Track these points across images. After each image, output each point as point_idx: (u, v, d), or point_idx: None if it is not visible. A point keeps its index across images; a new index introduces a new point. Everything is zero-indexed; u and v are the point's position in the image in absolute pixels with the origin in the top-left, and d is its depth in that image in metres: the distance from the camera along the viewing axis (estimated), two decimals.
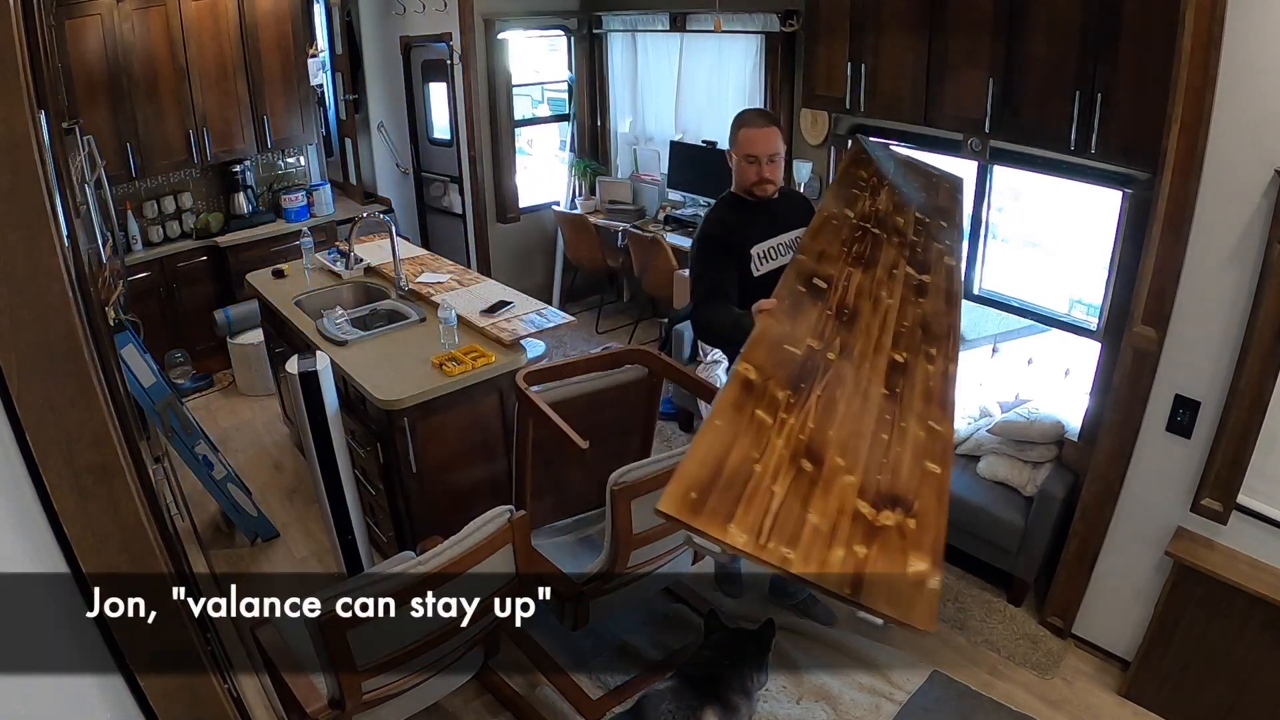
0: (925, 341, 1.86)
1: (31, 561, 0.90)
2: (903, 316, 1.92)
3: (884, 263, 2.13)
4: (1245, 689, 2.35)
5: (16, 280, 0.85)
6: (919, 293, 2.06)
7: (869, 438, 1.48)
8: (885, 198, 2.52)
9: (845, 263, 2.06)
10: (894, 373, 1.70)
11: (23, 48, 0.96)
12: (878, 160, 2.79)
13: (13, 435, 0.89)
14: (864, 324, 1.83)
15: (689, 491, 1.24)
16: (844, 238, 2.17)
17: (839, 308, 1.86)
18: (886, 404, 1.59)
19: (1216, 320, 2.26)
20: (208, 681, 1.16)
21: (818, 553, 1.23)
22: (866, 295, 1.94)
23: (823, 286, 1.93)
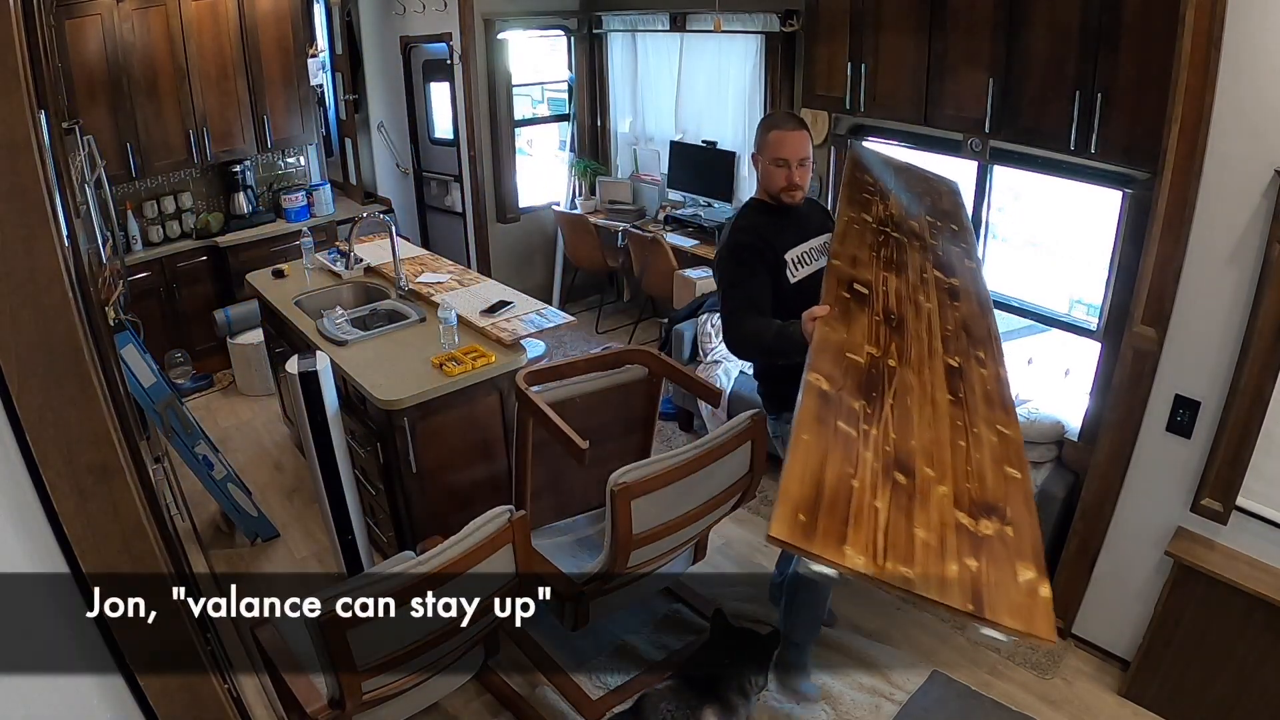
0: (971, 345, 1.85)
1: (31, 561, 0.90)
2: (944, 320, 1.90)
3: (913, 266, 2.10)
4: (1245, 689, 2.35)
5: (16, 280, 0.85)
6: (952, 296, 2.04)
7: (949, 446, 1.46)
8: (895, 201, 2.51)
9: (878, 267, 2.03)
10: (953, 378, 1.69)
11: (23, 48, 0.96)
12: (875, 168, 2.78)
13: (13, 435, 0.89)
14: (912, 329, 1.80)
15: (796, 513, 1.20)
16: (869, 242, 2.14)
17: (885, 313, 1.83)
18: (954, 410, 1.58)
19: (1216, 320, 2.26)
20: (208, 681, 1.16)
21: (934, 569, 1.20)
22: (907, 300, 1.91)
23: (864, 292, 1.89)
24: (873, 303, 1.86)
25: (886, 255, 2.12)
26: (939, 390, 1.63)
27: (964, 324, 1.93)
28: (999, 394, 1.71)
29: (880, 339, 1.72)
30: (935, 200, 2.70)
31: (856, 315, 1.79)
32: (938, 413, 1.55)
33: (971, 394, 1.67)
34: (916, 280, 2.05)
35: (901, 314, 1.85)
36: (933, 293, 2.01)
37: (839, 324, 1.75)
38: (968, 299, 2.08)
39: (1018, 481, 1.45)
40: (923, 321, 1.87)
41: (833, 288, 1.88)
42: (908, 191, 2.65)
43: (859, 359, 1.64)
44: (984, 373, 1.77)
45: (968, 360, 1.79)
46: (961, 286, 2.12)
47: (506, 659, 2.73)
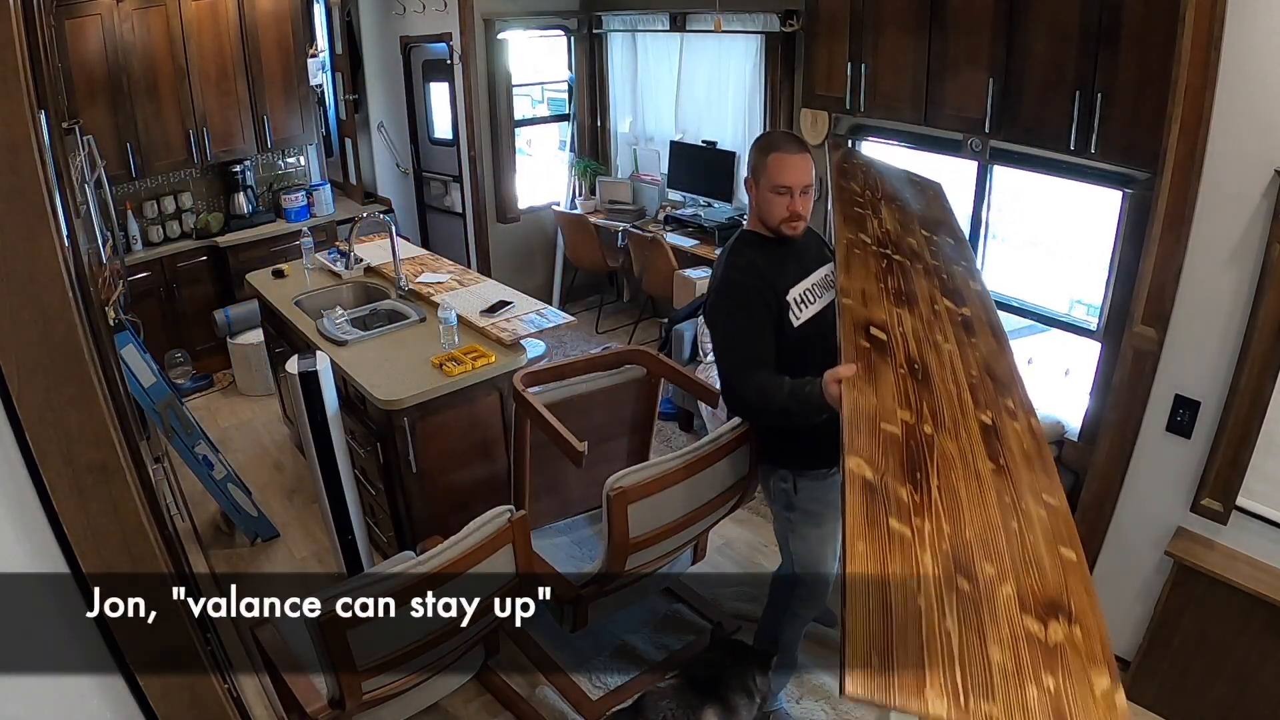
0: (999, 392, 1.74)
1: (31, 561, 0.90)
2: (967, 364, 1.78)
3: (923, 296, 1.96)
4: (1245, 689, 2.35)
5: (16, 280, 0.85)
6: (967, 330, 1.91)
7: (1002, 529, 1.35)
8: (887, 215, 2.35)
9: (889, 302, 1.88)
10: (989, 439, 1.57)
11: (23, 48, 0.96)
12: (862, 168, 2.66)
13: (13, 435, 0.89)
14: (939, 381, 1.67)
15: (869, 654, 1.10)
16: (874, 270, 1.98)
17: (909, 364, 1.69)
18: (999, 481, 1.47)
19: (1216, 320, 2.26)
20: (208, 681, 1.16)
21: (1015, 699, 1.12)
22: (926, 343, 1.78)
23: (883, 338, 1.74)
24: (893, 350, 1.71)
25: (894, 286, 1.96)
26: (979, 458, 1.51)
27: (986, 365, 1.80)
28: (1037, 452, 1.60)
29: (911, 399, 1.59)
30: (925, 207, 2.57)
31: (880, 369, 1.64)
32: (983, 487, 1.44)
33: (1011, 458, 1.56)
34: (929, 314, 1.91)
35: (924, 361, 1.71)
36: (948, 329, 1.87)
37: (866, 384, 1.59)
38: (982, 331, 1.95)
39: (1074, 565, 1.35)
40: (946, 368, 1.73)
41: (850, 336, 1.71)
42: (896, 198, 2.51)
43: (895, 429, 1.50)
44: (1017, 426, 1.65)
45: (999, 414, 1.67)
46: (974, 316, 1.98)
47: (506, 659, 2.73)
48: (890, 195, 2.48)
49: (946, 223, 2.49)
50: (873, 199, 2.40)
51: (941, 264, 2.16)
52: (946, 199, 2.67)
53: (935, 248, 2.26)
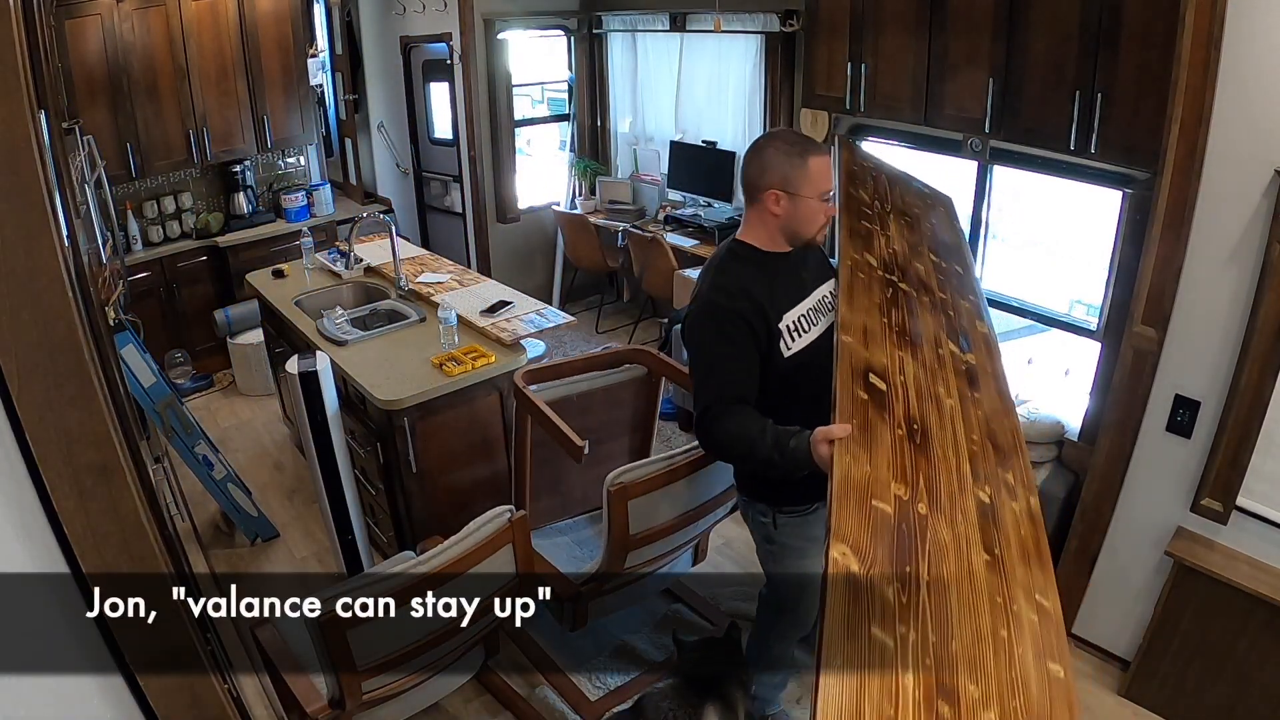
0: (1000, 462, 1.56)
1: (31, 561, 0.90)
2: (969, 425, 1.61)
3: (927, 338, 1.79)
4: (1245, 689, 2.35)
5: (16, 280, 0.85)
6: (971, 382, 1.74)
7: (990, 640, 1.21)
8: (895, 232, 2.15)
9: (892, 343, 1.71)
10: (986, 523, 1.41)
11: (23, 48, 0.96)
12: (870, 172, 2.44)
13: (13, 435, 0.89)
14: (938, 446, 1.50)
15: None
16: (878, 300, 1.81)
17: (908, 423, 1.52)
18: (991, 578, 1.31)
19: (1216, 320, 2.26)
20: (208, 681, 1.16)
21: None
22: (928, 397, 1.60)
23: (882, 387, 1.56)
24: (892, 405, 1.53)
25: (898, 322, 1.78)
26: (974, 549, 1.35)
27: (988, 428, 1.63)
28: (1034, 541, 1.44)
29: (908, 469, 1.42)
30: (935, 226, 2.36)
31: (877, 428, 1.47)
32: (975, 586, 1.29)
33: (1007, 548, 1.40)
34: (933, 360, 1.72)
35: (924, 421, 1.54)
36: (952, 380, 1.70)
37: (860, 447, 1.41)
38: (986, 383, 1.77)
39: (1060, 684, 1.23)
40: (947, 430, 1.56)
41: (847, 384, 1.52)
42: (907, 213, 2.30)
43: (887, 507, 1.33)
44: (1016, 508, 1.49)
45: (998, 491, 1.50)
46: (979, 366, 1.80)
47: (506, 659, 2.73)
48: (900, 209, 2.29)
49: (957, 247, 2.30)
50: (882, 211, 2.20)
51: (949, 298, 1.97)
52: (957, 216, 2.52)
53: (944, 277, 2.06)
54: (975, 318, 1.97)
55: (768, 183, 1.76)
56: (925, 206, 2.42)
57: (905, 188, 2.46)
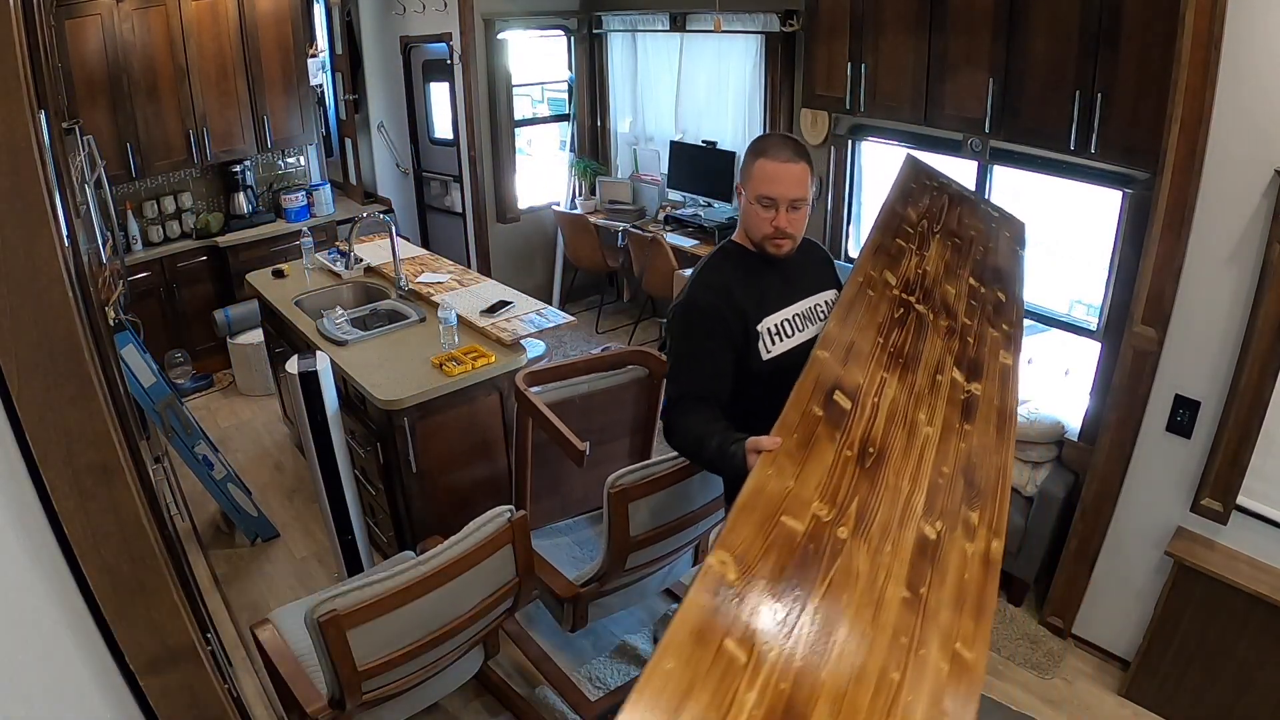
0: (967, 500, 1.43)
1: (31, 561, 0.90)
2: (942, 457, 1.49)
3: (927, 362, 1.69)
4: (1245, 689, 2.35)
5: (16, 280, 0.85)
6: (965, 413, 1.63)
7: (874, 680, 1.08)
8: (935, 253, 2.04)
9: (879, 364, 1.63)
10: (921, 560, 1.29)
11: (23, 48, 0.96)
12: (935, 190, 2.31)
13: (13, 435, 0.89)
14: (890, 473, 1.41)
15: None
16: (880, 319, 1.73)
17: (863, 445, 1.44)
18: (905, 615, 1.19)
19: (1216, 320, 2.26)
20: (208, 681, 1.16)
21: None
22: (900, 422, 1.52)
23: (845, 406, 1.49)
24: (849, 425, 1.46)
25: (896, 342, 1.70)
26: (894, 582, 1.23)
27: (968, 463, 1.51)
28: (979, 587, 1.29)
29: (839, 491, 1.33)
30: (991, 250, 2.21)
31: (820, 445, 1.40)
32: (878, 622, 1.16)
33: (938, 589, 1.25)
34: (925, 384, 1.63)
35: (884, 445, 1.45)
36: (940, 408, 1.60)
37: (790, 462, 1.35)
38: (987, 417, 1.64)
39: None
40: (911, 458, 1.45)
41: (803, 398, 1.47)
42: (958, 234, 2.18)
43: (797, 525, 1.25)
44: (969, 549, 1.35)
45: (953, 528, 1.37)
46: (983, 397, 1.69)
47: (506, 659, 2.73)
48: (952, 231, 2.19)
49: (1007, 274, 2.16)
50: (926, 231, 2.12)
51: (974, 324, 1.88)
52: (1024, 240, 2.41)
53: (977, 302, 1.97)
54: (1001, 348, 1.86)
55: (739, 175, 1.81)
56: (987, 231, 2.32)
57: (971, 209, 2.37)
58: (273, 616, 2.20)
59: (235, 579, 3.21)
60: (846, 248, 4.32)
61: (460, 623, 1.89)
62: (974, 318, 1.91)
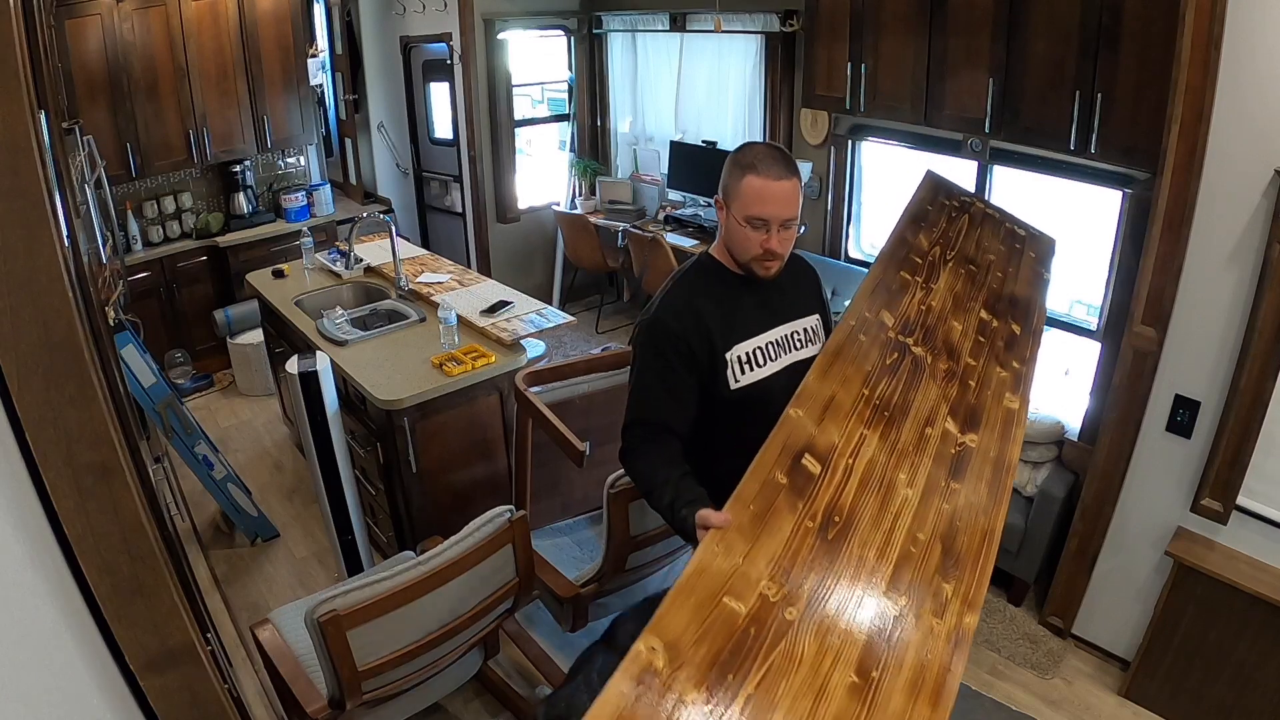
0: (942, 571, 1.33)
1: (31, 561, 0.90)
2: (919, 523, 1.38)
3: (917, 413, 1.57)
4: (1245, 689, 2.35)
5: (16, 280, 0.85)
6: (954, 470, 1.51)
7: None
8: (944, 284, 1.91)
9: (860, 419, 1.51)
10: (876, 640, 1.20)
11: (23, 48, 0.96)
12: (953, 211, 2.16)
13: (13, 435, 0.89)
14: (857, 544, 1.31)
15: None
16: (869, 368, 1.62)
17: (826, 515, 1.33)
18: (849, 704, 1.11)
19: (1216, 320, 2.26)
20: (208, 681, 1.16)
21: None
22: (875, 485, 1.42)
23: (814, 471, 1.39)
24: (816, 493, 1.36)
25: (883, 394, 1.58)
26: (841, 667, 1.14)
27: (949, 528, 1.40)
28: (939, 670, 1.19)
29: (794, 566, 1.25)
30: (1009, 276, 2.08)
31: (778, 517, 1.30)
32: (818, 713, 1.08)
33: (894, 674, 1.16)
34: (912, 440, 1.52)
35: (853, 514, 1.35)
36: (924, 466, 1.49)
37: (741, 538, 1.26)
38: (978, 473, 1.52)
39: None
40: (881, 527, 1.35)
41: (767, 466, 1.37)
42: (975, 260, 2.05)
43: (738, 607, 1.17)
44: (937, 628, 1.25)
45: (921, 603, 1.27)
46: (980, 449, 1.57)
47: (506, 659, 2.73)
48: (968, 257, 2.06)
49: (1025, 302, 2.02)
50: (938, 259, 1.99)
51: (979, 364, 1.76)
52: (1051, 258, 2.26)
53: (986, 338, 1.84)
54: (1008, 390, 1.74)
55: (720, 187, 1.63)
56: (1009, 254, 2.18)
57: (994, 230, 2.23)
58: (273, 616, 2.20)
59: (235, 579, 3.21)
60: (846, 248, 4.32)
61: (460, 623, 1.89)
62: (980, 356, 1.78)
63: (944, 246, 2.05)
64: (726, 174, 1.60)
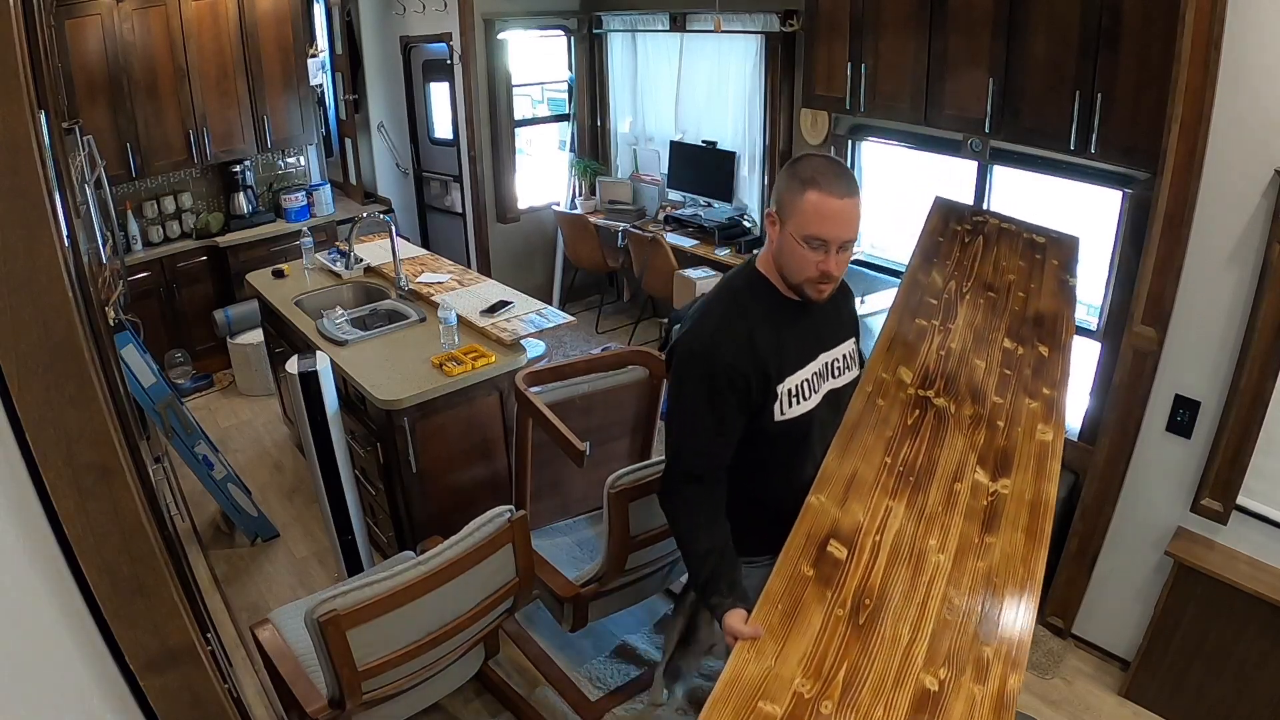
0: (981, 633, 1.28)
1: (31, 561, 0.90)
2: (954, 587, 1.34)
3: (944, 471, 1.52)
4: (1245, 689, 2.35)
5: (16, 280, 0.85)
6: (988, 523, 1.46)
7: None
8: (964, 319, 1.84)
9: (884, 491, 1.47)
10: (917, 716, 1.19)
11: (23, 48, 0.96)
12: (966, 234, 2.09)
13: (13, 435, 0.89)
14: (890, 623, 1.28)
15: None
16: (890, 433, 1.57)
17: (856, 600, 1.31)
18: None
19: (1216, 320, 2.26)
20: (208, 681, 1.15)
21: None
22: (905, 557, 1.38)
23: (839, 556, 1.36)
24: (843, 580, 1.33)
25: (909, 456, 1.53)
26: None
27: (986, 586, 1.35)
28: None
29: (827, 658, 1.23)
30: (1032, 295, 1.98)
31: (808, 612, 1.29)
32: None
33: None
34: (941, 501, 1.47)
35: (883, 593, 1.32)
36: (956, 526, 1.43)
37: (772, 639, 1.25)
38: (1013, 523, 1.46)
39: None
40: (914, 600, 1.32)
41: (793, 559, 1.35)
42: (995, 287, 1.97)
43: (774, 710, 1.17)
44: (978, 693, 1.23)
45: (960, 673, 1.24)
46: (1013, 495, 1.51)
47: (506, 659, 2.73)
48: (986, 284, 1.98)
49: (1051, 318, 1.92)
50: (955, 294, 1.92)
51: (1007, 400, 1.69)
52: (1076, 261, 2.15)
53: (1012, 370, 1.76)
54: (1040, 421, 1.68)
55: (772, 200, 1.53)
56: (1030, 267, 2.08)
57: (1011, 244, 2.15)
58: (273, 616, 2.20)
59: (235, 579, 3.21)
60: None
61: (460, 623, 1.89)
62: (1007, 393, 1.71)
63: (959, 279, 1.98)
64: (783, 187, 1.48)
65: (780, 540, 1.38)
